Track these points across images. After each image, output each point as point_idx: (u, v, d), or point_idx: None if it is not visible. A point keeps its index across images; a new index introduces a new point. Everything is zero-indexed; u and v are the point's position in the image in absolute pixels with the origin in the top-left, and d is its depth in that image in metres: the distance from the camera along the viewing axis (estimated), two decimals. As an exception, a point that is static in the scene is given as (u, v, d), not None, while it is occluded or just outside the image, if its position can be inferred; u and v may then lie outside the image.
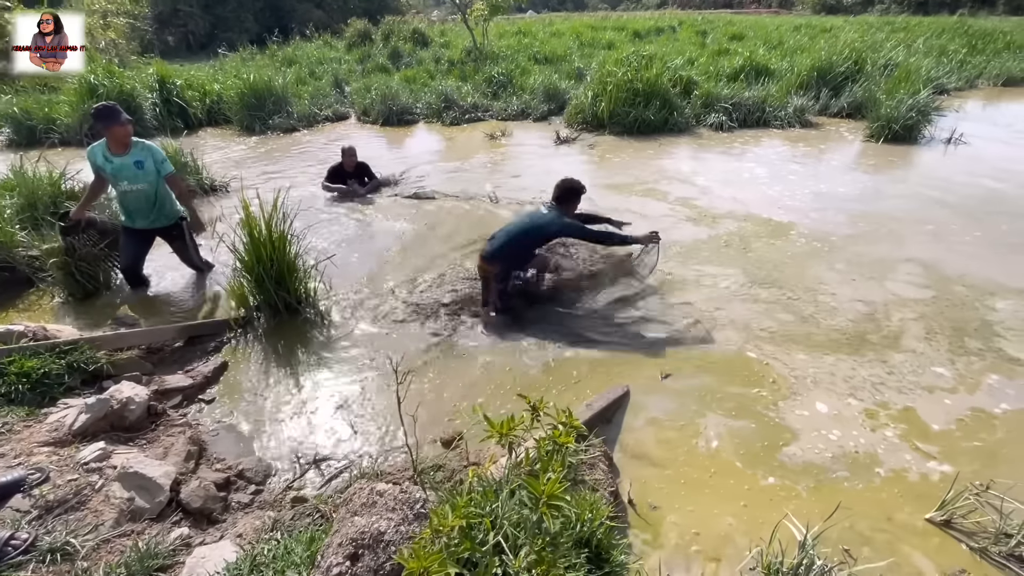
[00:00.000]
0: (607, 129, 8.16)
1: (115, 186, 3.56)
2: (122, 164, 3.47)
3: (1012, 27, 18.58)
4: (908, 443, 2.35)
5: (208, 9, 26.56)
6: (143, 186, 3.55)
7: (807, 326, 3.23)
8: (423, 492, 1.39)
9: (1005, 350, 2.98)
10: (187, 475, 2.07)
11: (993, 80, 11.96)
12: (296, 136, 8.81)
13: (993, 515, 1.95)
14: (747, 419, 2.51)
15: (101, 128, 3.39)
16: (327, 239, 4.59)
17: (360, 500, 1.39)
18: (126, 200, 3.60)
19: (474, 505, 1.21)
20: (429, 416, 2.57)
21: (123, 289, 3.89)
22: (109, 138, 3.43)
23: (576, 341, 3.16)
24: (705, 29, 19.34)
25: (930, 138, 7.41)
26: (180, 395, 2.71)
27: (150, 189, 3.59)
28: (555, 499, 1.00)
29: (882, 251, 4.20)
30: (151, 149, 3.58)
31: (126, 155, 3.48)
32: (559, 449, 1.16)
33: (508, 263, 3.31)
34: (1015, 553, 1.83)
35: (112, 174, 3.49)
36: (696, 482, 2.18)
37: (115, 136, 3.41)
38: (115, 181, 3.52)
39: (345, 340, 3.24)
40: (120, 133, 3.40)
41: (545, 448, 1.16)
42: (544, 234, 3.37)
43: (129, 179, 3.50)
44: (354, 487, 1.46)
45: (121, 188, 3.53)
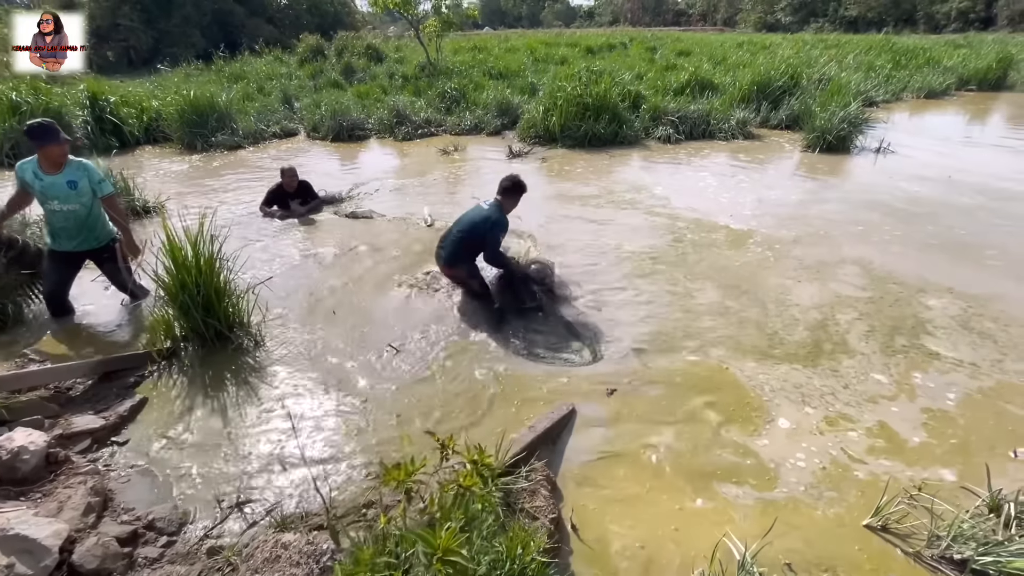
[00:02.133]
0: (559, 143, 8.25)
1: (43, 205, 3.31)
2: (53, 183, 3.26)
3: (931, 44, 20.08)
4: (851, 451, 2.38)
5: (151, 24, 25.63)
6: (74, 206, 3.35)
7: (757, 334, 3.27)
8: (334, 542, 1.27)
9: (928, 346, 3.10)
10: (84, 531, 1.86)
11: (916, 93, 12.83)
12: (241, 153, 8.49)
13: (924, 518, 1.98)
14: (693, 435, 2.49)
15: (35, 146, 3.19)
16: (263, 261, 4.38)
17: (263, 555, 1.27)
18: (53, 220, 3.36)
19: (387, 553, 1.11)
20: (368, 444, 2.43)
21: (37, 320, 3.57)
22: (42, 157, 3.22)
23: (526, 355, 3.10)
24: (655, 46, 20.04)
25: (861, 148, 7.84)
26: (89, 438, 2.46)
27: (82, 210, 3.38)
28: (451, 553, 0.91)
29: (822, 253, 4.37)
30: (87, 168, 3.38)
31: (58, 174, 3.28)
32: (463, 493, 1.08)
33: (468, 262, 3.49)
34: (946, 555, 1.85)
35: (41, 192, 3.25)
36: (641, 503, 2.13)
37: (50, 155, 3.21)
38: (44, 200, 3.28)
39: (278, 367, 3.05)
40: (55, 153, 3.21)
41: (448, 492, 1.08)
42: (481, 228, 3.44)
43: (60, 199, 3.29)
44: (258, 540, 1.32)
45: (49, 207, 3.30)
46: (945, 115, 11.13)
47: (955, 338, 3.21)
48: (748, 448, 2.39)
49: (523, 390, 2.82)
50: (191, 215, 3.88)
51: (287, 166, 5.49)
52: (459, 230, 3.49)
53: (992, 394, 2.74)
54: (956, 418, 2.57)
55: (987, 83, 13.93)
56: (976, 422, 2.54)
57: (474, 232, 3.45)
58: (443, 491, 1.11)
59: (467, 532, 1.03)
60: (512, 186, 3.56)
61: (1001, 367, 2.94)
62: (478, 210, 3.54)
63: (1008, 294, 3.69)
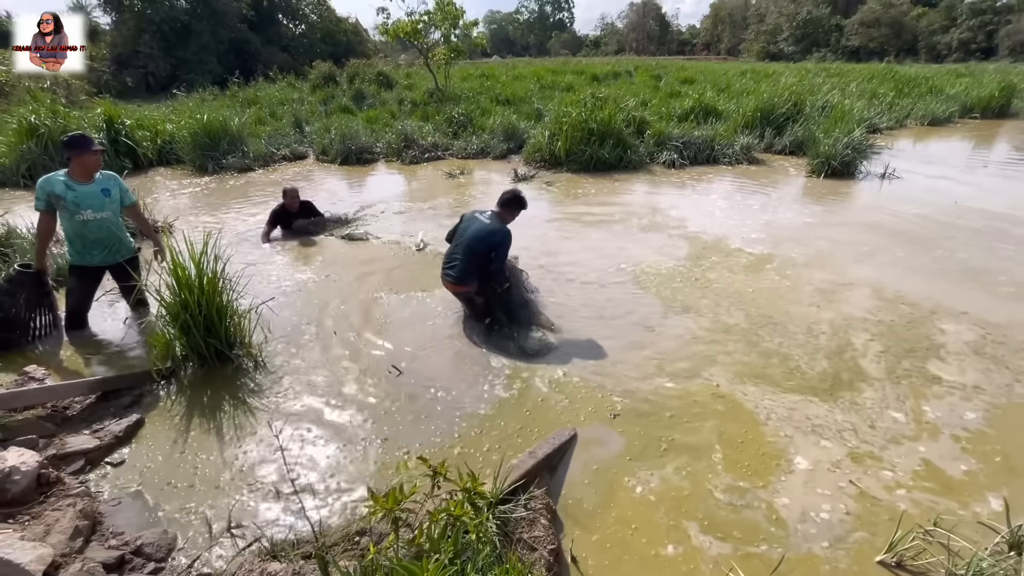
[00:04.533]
0: (564, 167, 8.33)
1: (74, 216, 3.35)
2: (88, 192, 3.35)
3: (932, 73, 20.32)
4: (864, 484, 2.30)
5: (170, 51, 26.48)
6: (107, 214, 3.44)
7: (774, 362, 3.19)
8: (322, 573, 1.22)
9: (934, 372, 3.02)
10: (70, 556, 1.81)
11: (919, 120, 12.92)
12: (250, 176, 8.64)
13: (941, 555, 1.89)
14: (698, 465, 2.41)
15: (71, 156, 3.29)
16: (263, 282, 4.38)
17: (247, 585, 1.21)
18: (86, 231, 3.41)
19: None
20: (365, 471, 2.38)
21: (41, 340, 3.57)
22: (78, 166, 3.31)
23: (526, 376, 3.05)
24: (659, 74, 20.43)
25: (866, 173, 7.85)
26: (83, 459, 2.43)
27: (114, 218, 3.49)
28: (438, 589, 0.87)
29: (833, 277, 4.34)
30: (116, 178, 3.54)
31: (91, 184, 3.38)
32: (453, 523, 1.03)
33: (478, 277, 3.44)
34: (965, 595, 1.76)
35: (74, 202, 3.31)
36: (641, 537, 2.05)
37: (86, 164, 3.32)
38: (76, 210, 3.33)
39: (277, 389, 3.02)
40: (91, 161, 3.34)
41: (438, 522, 1.03)
42: (490, 242, 3.42)
43: (94, 207, 3.37)
44: (244, 568, 1.27)
45: (82, 218, 3.35)
46: (949, 142, 11.17)
47: (968, 363, 3.13)
48: (757, 481, 2.31)
49: (524, 412, 2.76)
50: (197, 234, 3.91)
51: (289, 186, 5.56)
52: (467, 246, 3.43)
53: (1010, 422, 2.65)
54: (979, 445, 2.48)
55: (990, 111, 14.03)
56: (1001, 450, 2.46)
57: (482, 246, 3.41)
58: (432, 520, 1.06)
59: (457, 564, 0.99)
60: (513, 199, 3.58)
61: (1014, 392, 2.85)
62: (480, 224, 3.48)
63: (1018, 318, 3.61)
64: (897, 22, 47.07)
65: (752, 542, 2.00)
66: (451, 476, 1.11)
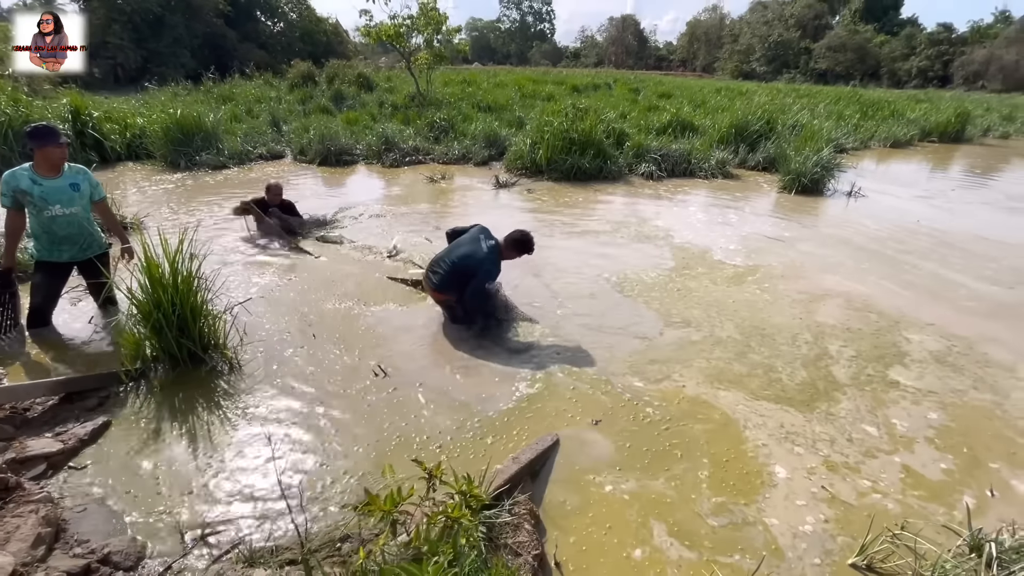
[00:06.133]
0: (545, 175, 8.40)
1: (42, 212, 3.20)
2: (55, 186, 3.20)
3: (895, 98, 21.35)
4: (837, 488, 2.38)
5: (141, 43, 25.68)
6: (77, 209, 3.30)
7: (750, 368, 3.28)
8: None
9: (898, 379, 3.16)
10: (32, 565, 1.72)
11: (882, 142, 13.54)
12: (226, 173, 8.42)
13: (909, 557, 1.97)
14: (679, 473, 2.45)
15: (35, 148, 3.14)
16: (238, 282, 4.27)
17: (230, 592, 1.17)
18: (55, 227, 3.26)
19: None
20: (345, 474, 2.33)
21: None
22: (43, 159, 3.16)
23: (508, 379, 3.05)
24: (638, 87, 20.87)
25: (834, 191, 8.17)
26: (45, 463, 2.31)
27: (83, 213, 3.35)
28: (439, 591, 0.86)
29: (808, 287, 4.50)
30: (86, 172, 3.40)
31: (58, 177, 3.23)
32: (452, 525, 1.03)
33: (457, 290, 3.45)
34: (931, 596, 1.84)
35: (41, 197, 3.16)
36: (622, 545, 2.06)
37: (51, 157, 3.17)
38: (44, 205, 3.18)
39: (254, 391, 2.94)
40: (57, 154, 3.19)
41: (436, 524, 1.02)
42: (473, 269, 3.42)
43: (63, 202, 3.23)
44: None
45: (50, 213, 3.21)
46: (910, 163, 11.73)
47: (929, 370, 3.28)
48: (732, 491, 2.36)
49: (506, 416, 2.76)
50: (170, 231, 3.79)
51: (274, 182, 5.49)
52: (453, 262, 3.44)
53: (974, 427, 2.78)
54: (946, 447, 2.60)
55: (947, 135, 14.82)
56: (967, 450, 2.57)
57: (467, 269, 3.42)
58: (430, 523, 1.05)
59: (456, 567, 0.98)
60: (521, 242, 3.49)
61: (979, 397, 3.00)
62: (477, 247, 3.46)
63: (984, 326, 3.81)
64: (862, 48, 49.33)
65: (729, 551, 2.04)
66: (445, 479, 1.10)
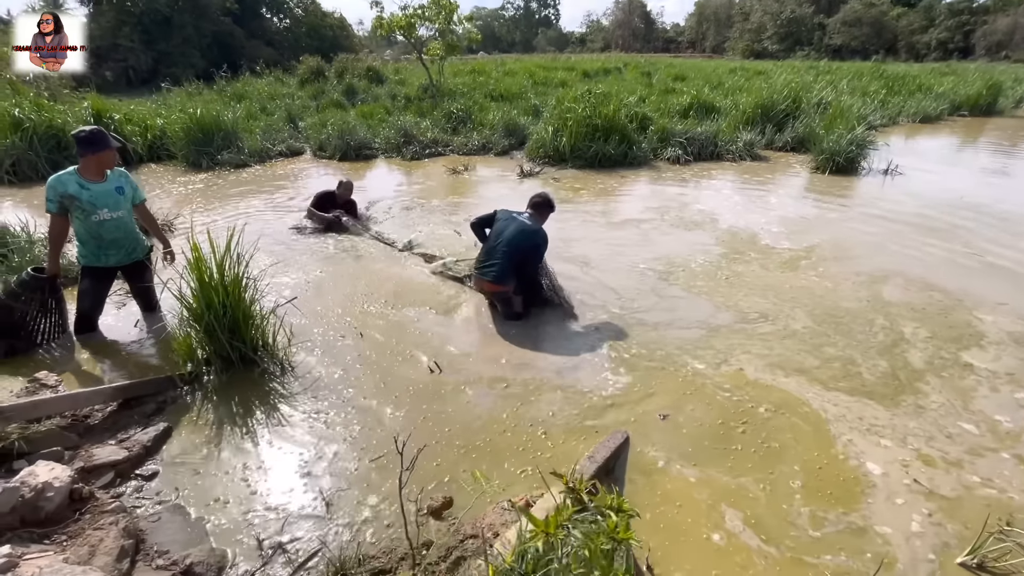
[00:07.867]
0: (569, 163, 8.25)
1: (90, 216, 3.16)
2: (103, 191, 3.17)
3: (918, 71, 20.69)
4: (939, 482, 2.27)
5: (151, 44, 25.73)
6: (123, 213, 3.29)
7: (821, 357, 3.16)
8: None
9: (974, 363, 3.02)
10: (120, 579, 1.68)
11: (911, 117, 13.12)
12: (248, 172, 8.39)
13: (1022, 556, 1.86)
14: (756, 467, 2.36)
15: (88, 153, 3.09)
16: (284, 282, 4.22)
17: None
18: (102, 231, 3.23)
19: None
20: (413, 479, 2.27)
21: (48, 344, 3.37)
22: (94, 164, 3.13)
23: (568, 373, 2.97)
24: (649, 71, 20.45)
25: (869, 169, 7.92)
26: (112, 471, 2.28)
27: (128, 217, 3.34)
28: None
29: (868, 267, 4.39)
30: (127, 175, 3.38)
31: (105, 181, 3.20)
32: (618, 545, 0.94)
33: (517, 278, 3.43)
34: (1054, 597, 1.73)
35: (89, 202, 3.13)
36: (708, 548, 1.98)
37: (103, 161, 3.15)
38: (92, 210, 3.15)
39: (310, 393, 2.89)
40: (109, 158, 3.17)
41: (599, 547, 0.94)
42: (534, 241, 3.46)
43: (110, 206, 3.21)
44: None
45: (98, 218, 3.18)
46: (943, 139, 11.36)
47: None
48: (815, 485, 2.26)
49: (570, 413, 2.68)
50: (200, 232, 3.73)
51: (345, 179, 5.55)
52: (508, 244, 3.41)
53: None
54: (1026, 445, 2.47)
55: (978, 108, 14.33)
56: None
57: (526, 242, 3.43)
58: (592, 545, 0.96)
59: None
60: (544, 202, 3.65)
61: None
62: (520, 224, 3.48)
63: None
64: (878, 21, 47.93)
65: (836, 551, 1.95)
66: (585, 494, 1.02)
